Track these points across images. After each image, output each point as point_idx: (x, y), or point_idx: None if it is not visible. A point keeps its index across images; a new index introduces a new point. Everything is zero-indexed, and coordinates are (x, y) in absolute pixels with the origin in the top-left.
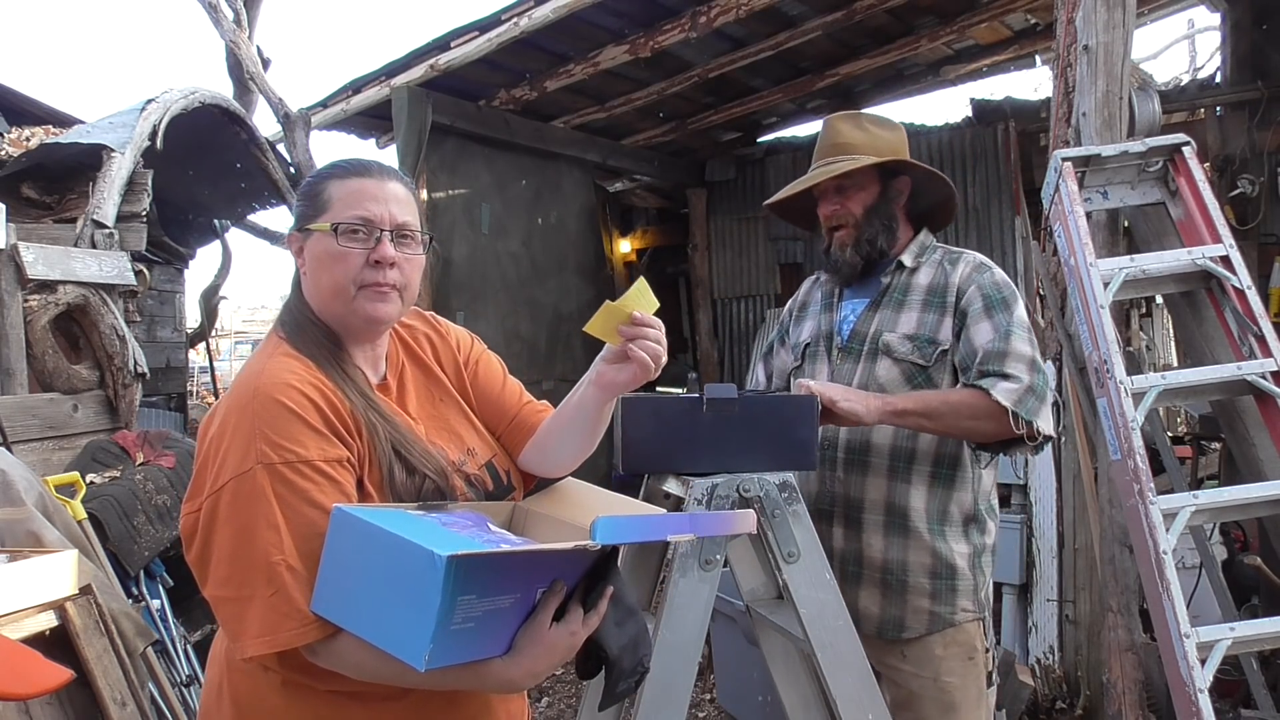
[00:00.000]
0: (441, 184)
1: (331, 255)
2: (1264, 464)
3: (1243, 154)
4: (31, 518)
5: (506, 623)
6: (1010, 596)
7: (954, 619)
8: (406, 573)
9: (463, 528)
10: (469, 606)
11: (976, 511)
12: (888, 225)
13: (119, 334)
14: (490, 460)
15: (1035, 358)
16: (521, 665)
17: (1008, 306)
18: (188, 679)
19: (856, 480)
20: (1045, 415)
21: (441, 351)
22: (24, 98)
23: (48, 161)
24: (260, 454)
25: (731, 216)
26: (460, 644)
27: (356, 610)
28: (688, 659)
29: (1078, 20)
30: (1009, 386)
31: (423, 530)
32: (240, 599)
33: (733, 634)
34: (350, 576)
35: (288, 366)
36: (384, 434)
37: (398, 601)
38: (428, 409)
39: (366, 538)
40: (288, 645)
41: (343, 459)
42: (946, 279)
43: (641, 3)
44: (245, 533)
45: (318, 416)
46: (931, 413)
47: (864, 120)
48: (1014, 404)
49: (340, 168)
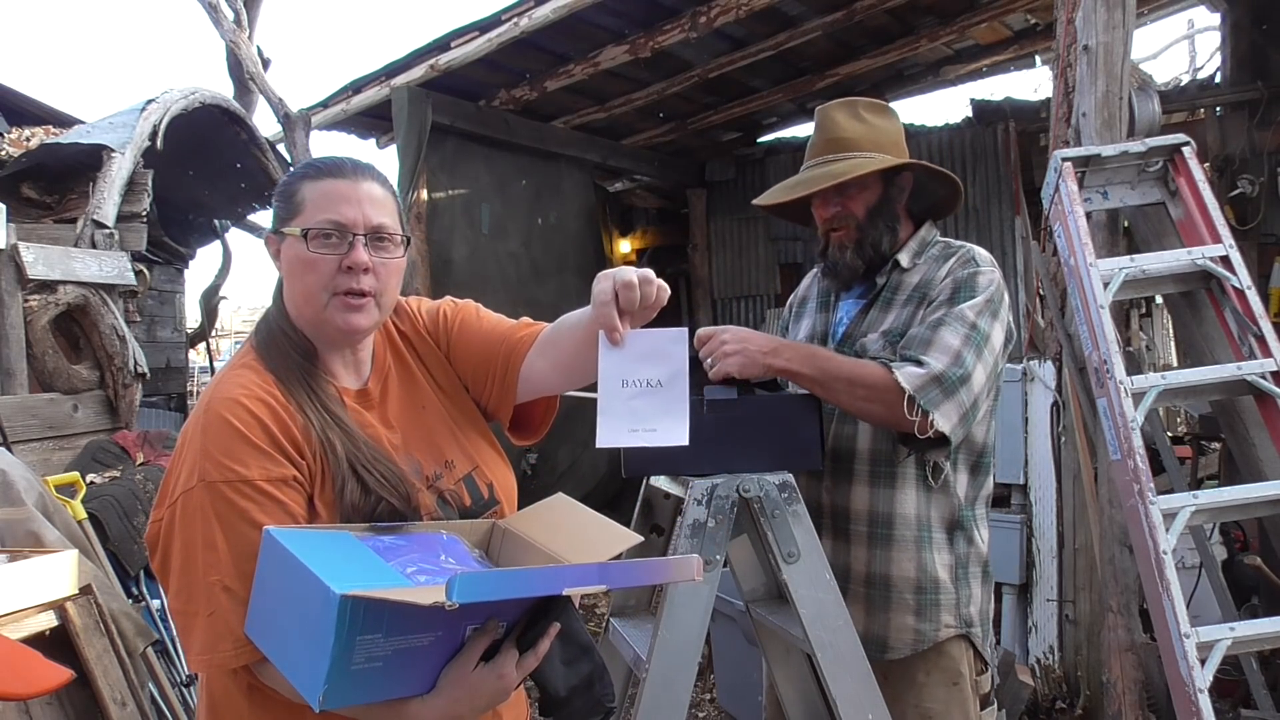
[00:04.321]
0: (441, 184)
1: (303, 261)
2: (1264, 464)
3: (1243, 154)
4: (31, 518)
5: (427, 661)
6: (1010, 596)
7: (937, 635)
8: (310, 606)
9: (401, 554)
10: (373, 645)
11: (961, 518)
12: (891, 226)
13: (119, 334)
14: (470, 474)
15: (962, 353)
16: (438, 708)
17: (971, 299)
18: (188, 679)
19: (843, 489)
20: (947, 411)
21: (422, 349)
22: (24, 98)
23: (48, 161)
24: (204, 471)
25: (731, 216)
26: (364, 684)
27: (274, 637)
28: (688, 659)
29: (1078, 20)
30: (914, 370)
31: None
32: (187, 613)
33: (733, 634)
34: (272, 603)
35: (241, 380)
36: (342, 451)
37: (302, 635)
38: (410, 415)
39: (284, 564)
40: (224, 666)
41: (288, 478)
42: (934, 274)
43: (641, 3)
44: (189, 550)
45: (263, 434)
46: (823, 378)
47: (861, 108)
48: (913, 388)
49: (313, 167)
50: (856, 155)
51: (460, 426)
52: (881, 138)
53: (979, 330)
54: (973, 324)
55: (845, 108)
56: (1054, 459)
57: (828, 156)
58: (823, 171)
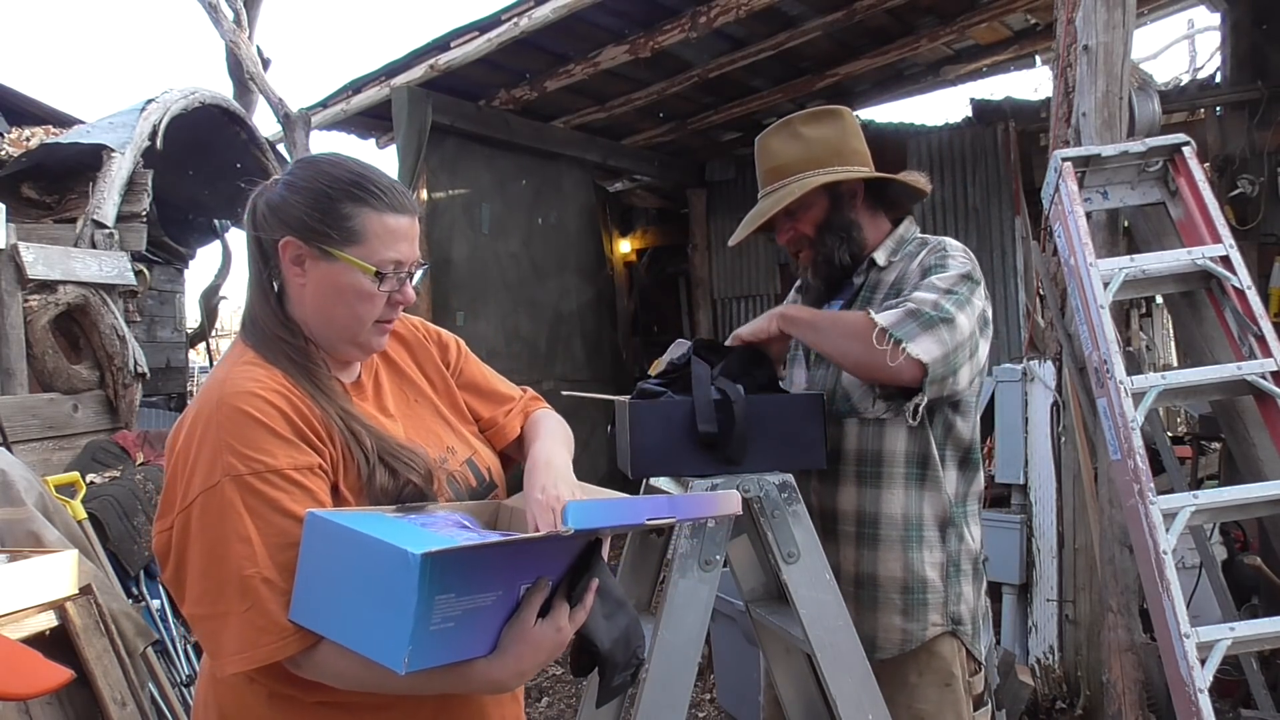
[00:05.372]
0: (441, 184)
1: (359, 293)
2: (1264, 464)
3: (1243, 154)
4: (31, 518)
5: (490, 621)
6: (1010, 596)
7: (924, 635)
8: (381, 574)
9: (441, 527)
10: (448, 605)
11: (952, 515)
12: (845, 236)
13: (119, 334)
14: (470, 458)
15: (940, 301)
16: (507, 665)
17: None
18: (188, 679)
19: (830, 490)
20: (925, 344)
21: (420, 354)
22: (24, 98)
23: (48, 161)
24: (227, 466)
25: (731, 216)
26: (441, 645)
27: (334, 617)
28: (688, 659)
29: (1078, 20)
30: (891, 311)
31: (398, 531)
32: (216, 616)
33: (733, 634)
34: (326, 582)
35: (251, 375)
36: (369, 438)
37: (374, 604)
38: (404, 407)
39: (341, 541)
40: (267, 660)
41: (313, 465)
42: (908, 269)
43: (641, 3)
44: (217, 548)
45: (285, 424)
46: (816, 324)
47: (796, 125)
48: (886, 322)
49: (374, 196)
50: (790, 180)
51: (453, 419)
52: (818, 151)
53: (955, 293)
54: (947, 290)
55: (780, 131)
56: (1054, 459)
57: (768, 188)
58: (761, 206)
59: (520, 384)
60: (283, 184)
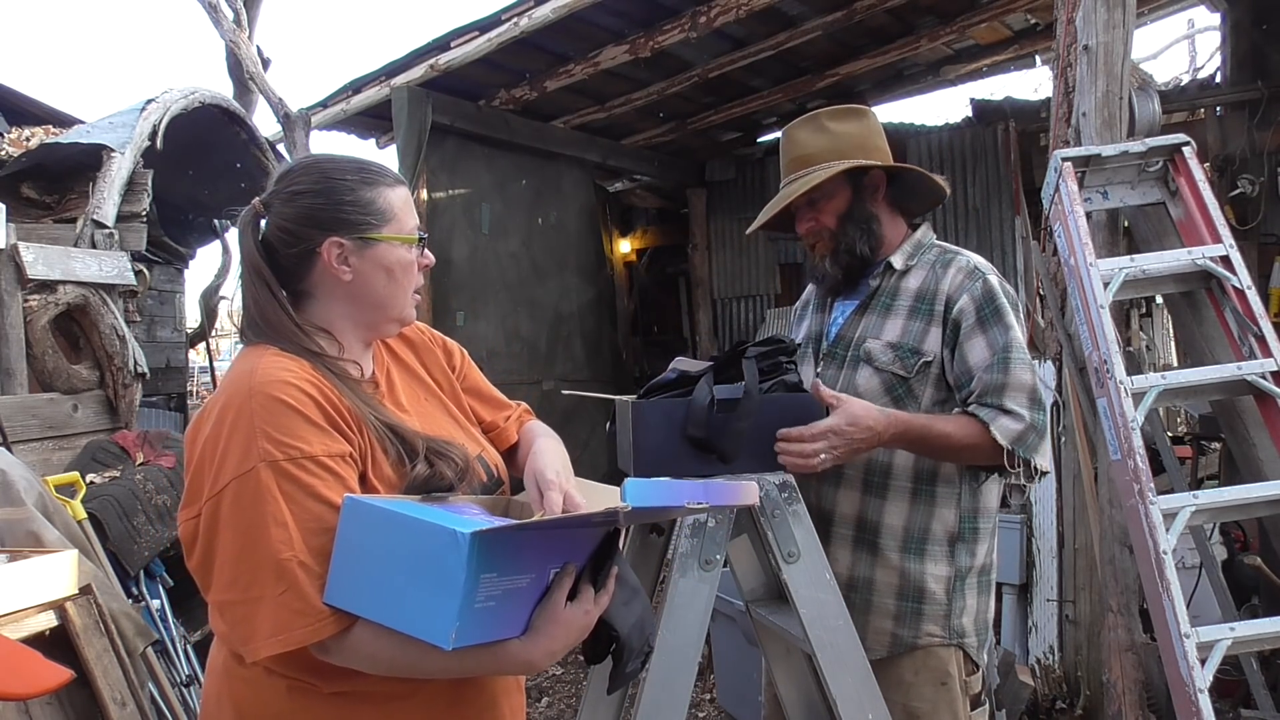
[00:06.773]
0: (441, 184)
1: (404, 266)
2: (1264, 464)
3: (1243, 154)
4: (31, 518)
5: (523, 603)
6: (1010, 596)
7: (916, 642)
8: (428, 554)
9: (472, 515)
10: (491, 585)
11: (963, 530)
12: (866, 228)
13: (119, 334)
14: (479, 454)
15: (1035, 386)
16: (540, 645)
17: (1002, 319)
18: (188, 679)
19: (829, 492)
20: (1044, 451)
21: (426, 356)
22: (24, 98)
23: (48, 161)
24: (263, 452)
25: (731, 216)
26: (483, 623)
27: (374, 598)
28: (688, 659)
29: (1078, 20)
30: (1009, 425)
31: (437, 515)
32: (249, 600)
33: (733, 634)
34: (366, 564)
35: (281, 364)
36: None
37: (420, 584)
38: (416, 404)
39: (383, 524)
40: (302, 643)
41: (345, 454)
42: (937, 284)
43: (641, 3)
44: (251, 532)
45: (318, 412)
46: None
47: (823, 119)
48: (1012, 442)
49: (380, 176)
50: (816, 169)
51: (460, 418)
52: (844, 144)
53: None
54: (1024, 344)
55: (808, 123)
56: (1054, 459)
57: (791, 175)
58: (785, 190)
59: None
60: (290, 194)
